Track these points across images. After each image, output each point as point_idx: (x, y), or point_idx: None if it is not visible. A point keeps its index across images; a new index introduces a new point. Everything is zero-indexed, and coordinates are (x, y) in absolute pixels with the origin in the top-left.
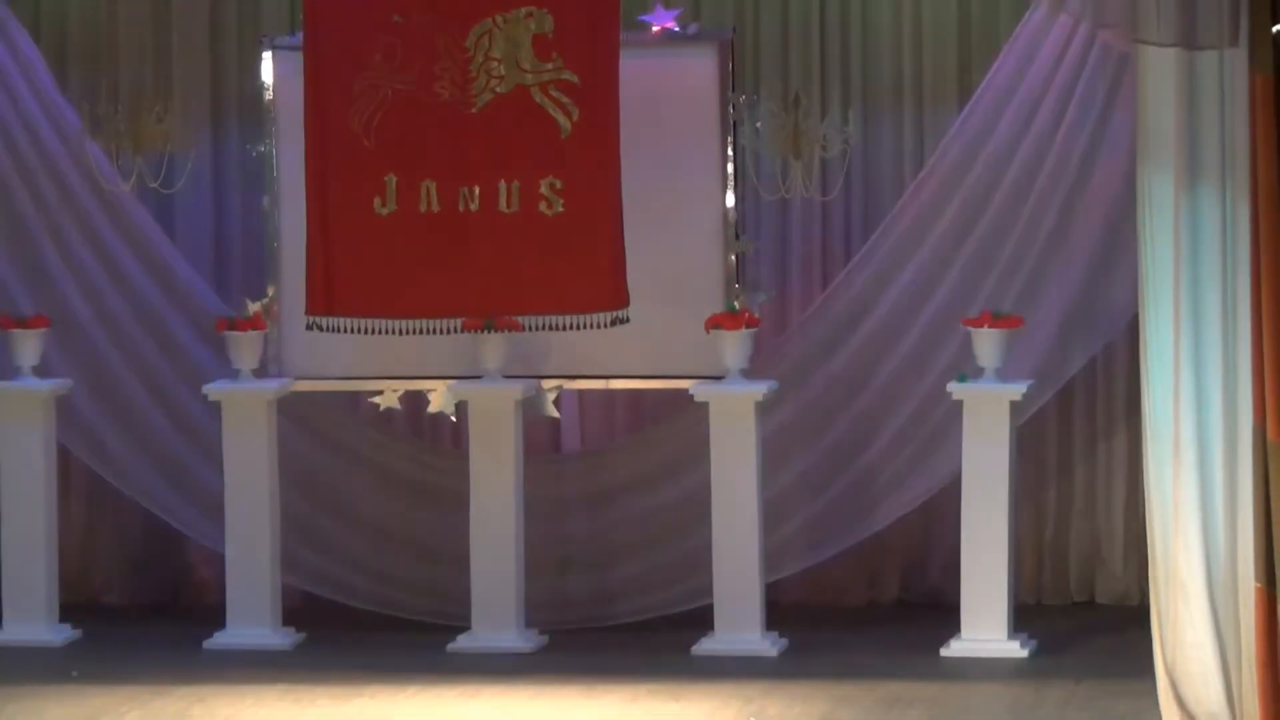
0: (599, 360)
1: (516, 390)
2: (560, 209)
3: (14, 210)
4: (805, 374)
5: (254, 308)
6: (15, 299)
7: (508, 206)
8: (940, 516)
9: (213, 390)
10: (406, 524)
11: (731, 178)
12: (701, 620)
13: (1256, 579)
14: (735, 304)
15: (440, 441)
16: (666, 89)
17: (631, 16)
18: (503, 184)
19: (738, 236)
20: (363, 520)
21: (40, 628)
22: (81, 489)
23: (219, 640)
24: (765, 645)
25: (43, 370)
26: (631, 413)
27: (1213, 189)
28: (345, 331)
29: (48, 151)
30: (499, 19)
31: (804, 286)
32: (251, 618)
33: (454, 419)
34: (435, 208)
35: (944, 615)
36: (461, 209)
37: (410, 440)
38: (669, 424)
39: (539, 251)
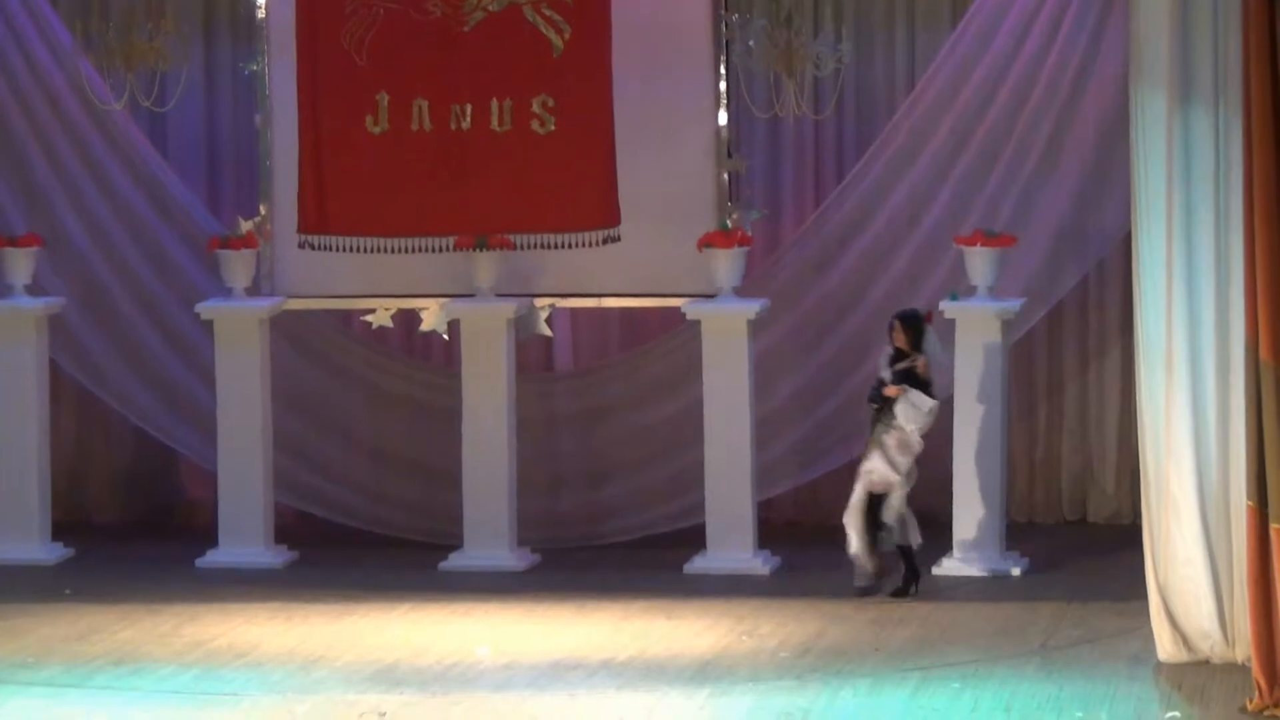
0: (591, 278)
1: (509, 308)
2: (552, 127)
3: (6, 129)
4: (797, 293)
5: (246, 226)
6: (8, 218)
7: (500, 125)
8: (932, 434)
9: (205, 309)
10: (399, 442)
11: (724, 96)
12: (693, 539)
13: (1248, 497)
14: (728, 222)
15: (432, 360)
16: (659, 7)
17: None
18: (495, 102)
19: (730, 155)
20: (355, 439)
21: (33, 546)
22: (74, 407)
23: (211, 559)
24: (757, 563)
25: (35, 289)
26: (624, 331)
27: (1206, 107)
28: (337, 250)
29: (40, 70)
30: None
31: (796, 205)
32: (244, 536)
33: (446, 337)
34: (427, 126)
35: (936, 533)
36: (454, 127)
37: (403, 358)
38: (661, 342)
39: (531, 170)
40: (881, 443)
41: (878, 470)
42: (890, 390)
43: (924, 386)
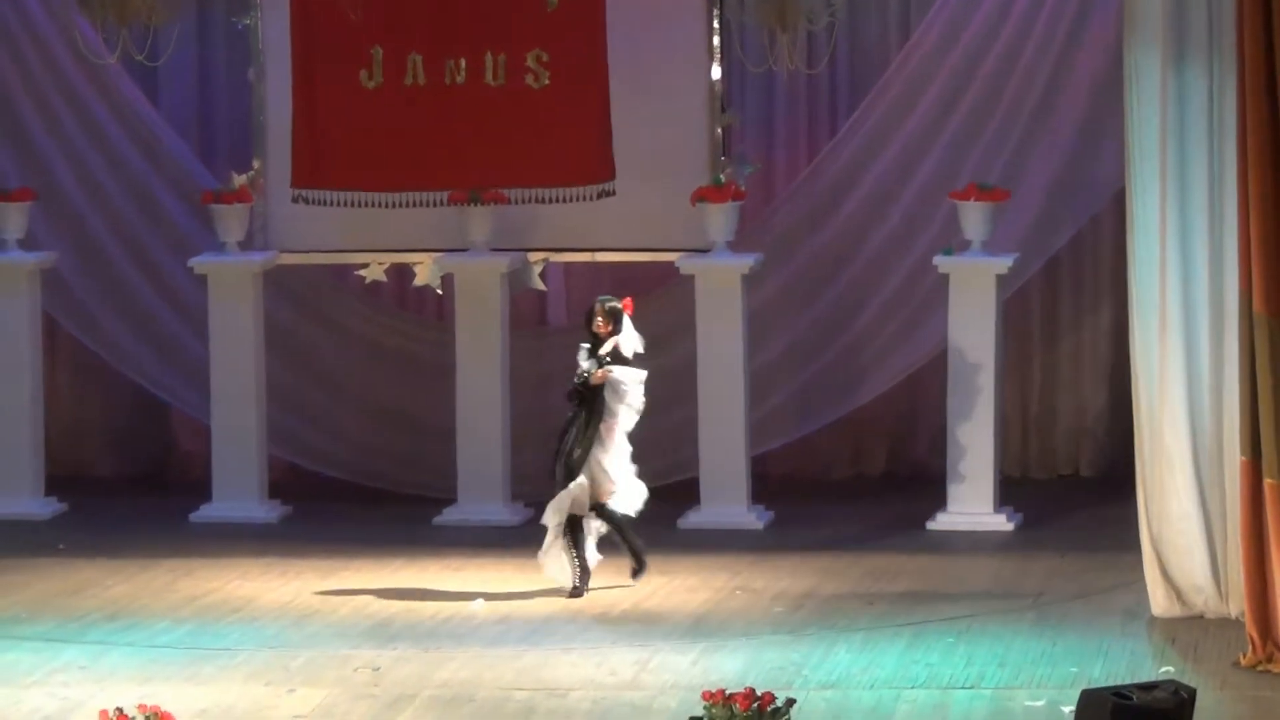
0: (585, 233)
1: (502, 263)
2: (546, 82)
3: (0, 83)
4: (791, 247)
5: (240, 180)
6: (1, 172)
7: (494, 79)
8: (926, 390)
9: (199, 263)
10: (392, 397)
11: (718, 51)
12: (687, 493)
13: (1242, 451)
14: (721, 177)
15: (426, 314)
16: None
17: None
18: (489, 56)
19: (724, 109)
20: (349, 393)
21: (26, 501)
22: (68, 361)
23: (205, 513)
24: (751, 518)
25: (28, 243)
26: (617, 285)
27: (1200, 63)
28: (331, 204)
29: (33, 23)
30: None
31: (789, 160)
32: (237, 491)
33: (440, 291)
34: (421, 80)
35: (930, 488)
36: (448, 82)
37: (396, 313)
38: (655, 297)
39: (525, 124)
40: (591, 446)
41: (586, 487)
42: (599, 376)
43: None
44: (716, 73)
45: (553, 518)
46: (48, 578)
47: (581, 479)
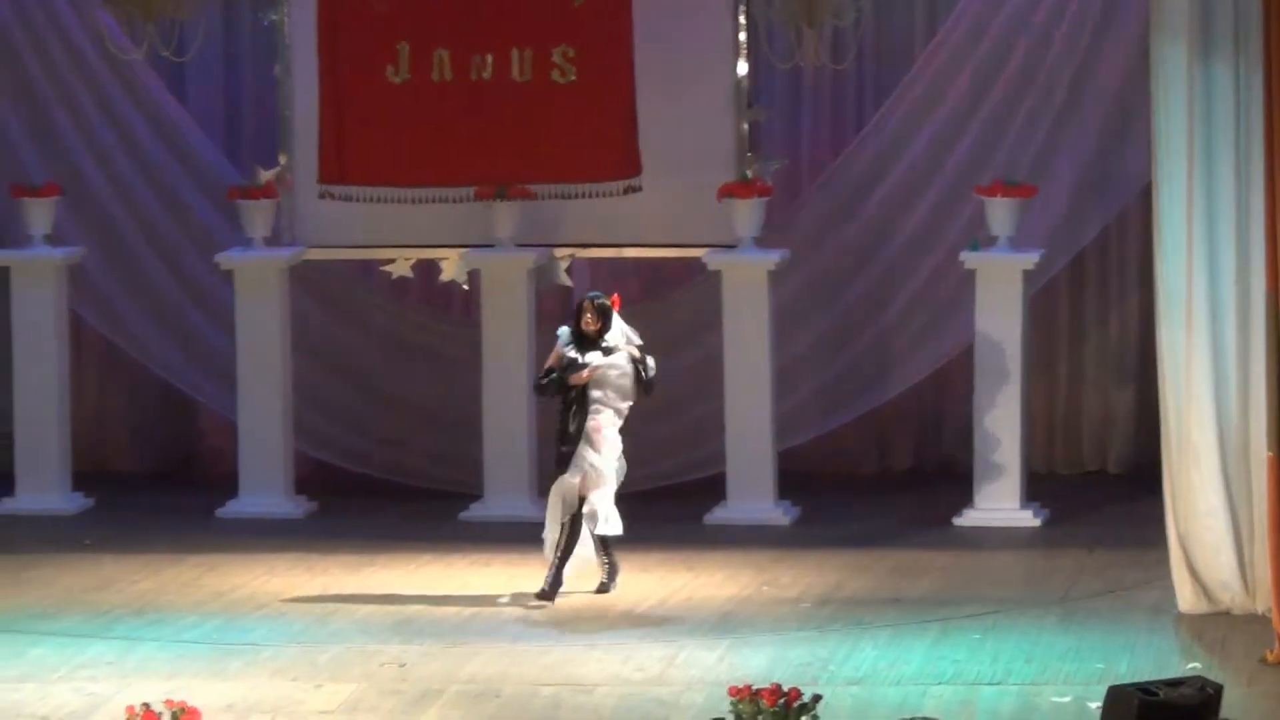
0: (611, 228)
1: (529, 258)
2: (573, 77)
3: (26, 79)
4: (817, 242)
5: (266, 176)
6: (28, 168)
7: (520, 75)
8: (953, 385)
9: (225, 258)
10: (419, 392)
11: (744, 46)
12: (713, 489)
13: (1269, 447)
14: (748, 172)
15: (452, 310)
16: None
17: None
18: (515, 52)
19: (750, 105)
20: (375, 389)
21: (53, 496)
22: (95, 357)
23: (231, 509)
24: (777, 514)
25: (55, 239)
26: (644, 281)
27: (1226, 57)
28: (357, 200)
29: (59, 19)
30: None
31: (815, 155)
32: (264, 486)
33: (466, 287)
34: (448, 76)
35: (957, 484)
36: (474, 77)
37: (422, 308)
38: (681, 292)
39: (551, 120)
40: (581, 447)
41: (579, 482)
42: (580, 378)
43: (646, 385)
44: (743, 68)
45: (553, 509)
46: (74, 573)
47: (571, 477)
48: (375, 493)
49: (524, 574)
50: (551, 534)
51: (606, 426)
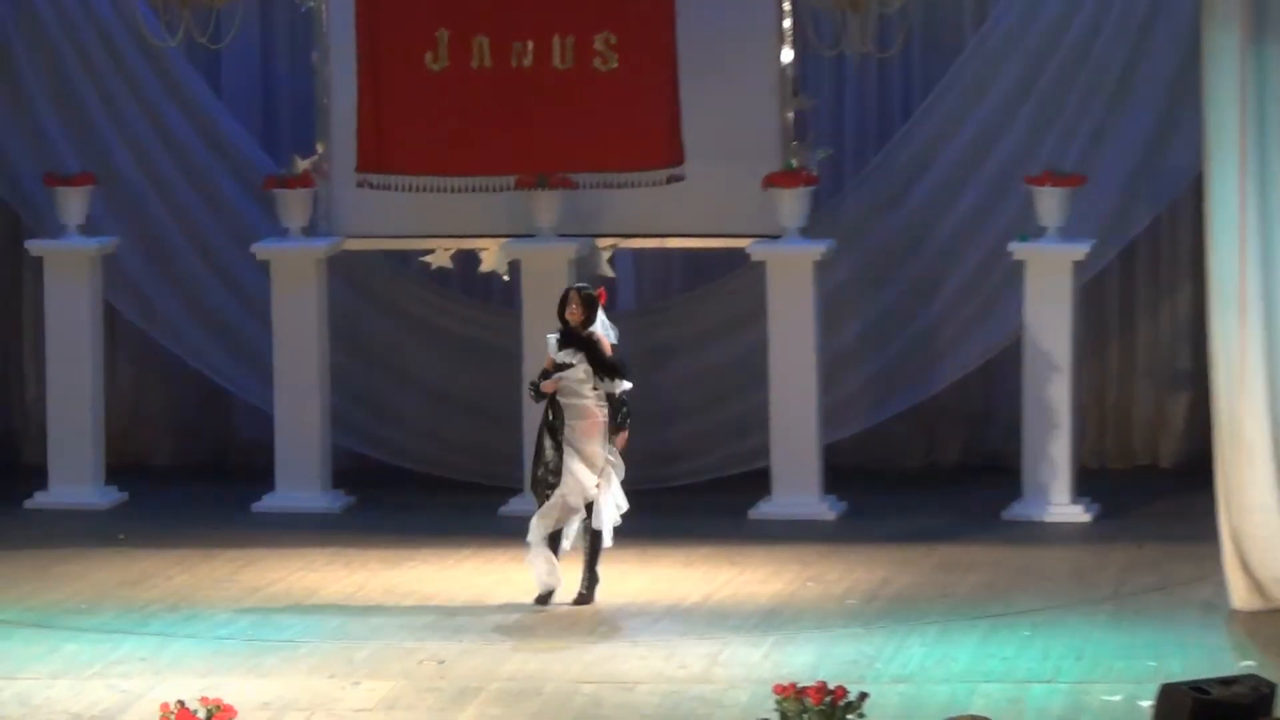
0: (654, 218)
1: (570, 249)
2: (614, 65)
3: (60, 67)
4: (863, 233)
5: (303, 165)
6: (62, 157)
7: (561, 62)
8: (1002, 378)
9: (261, 249)
10: (458, 385)
11: (789, 33)
12: (758, 483)
13: None
14: (793, 161)
15: (492, 301)
16: None
17: None
18: (556, 39)
19: (795, 93)
20: (414, 381)
21: (87, 490)
22: (129, 349)
23: (267, 503)
24: (823, 508)
25: (88, 229)
26: (687, 271)
27: (1278, 44)
28: (396, 189)
29: (93, 6)
30: None
31: (861, 144)
32: (301, 480)
33: (506, 278)
34: (488, 63)
35: (1005, 478)
36: (514, 65)
37: (462, 299)
38: (725, 283)
39: (593, 108)
40: (569, 450)
41: (573, 491)
42: (548, 386)
43: (607, 367)
44: (788, 55)
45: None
46: (108, 568)
47: (560, 493)
48: (413, 487)
49: (566, 570)
50: (540, 554)
51: (586, 419)
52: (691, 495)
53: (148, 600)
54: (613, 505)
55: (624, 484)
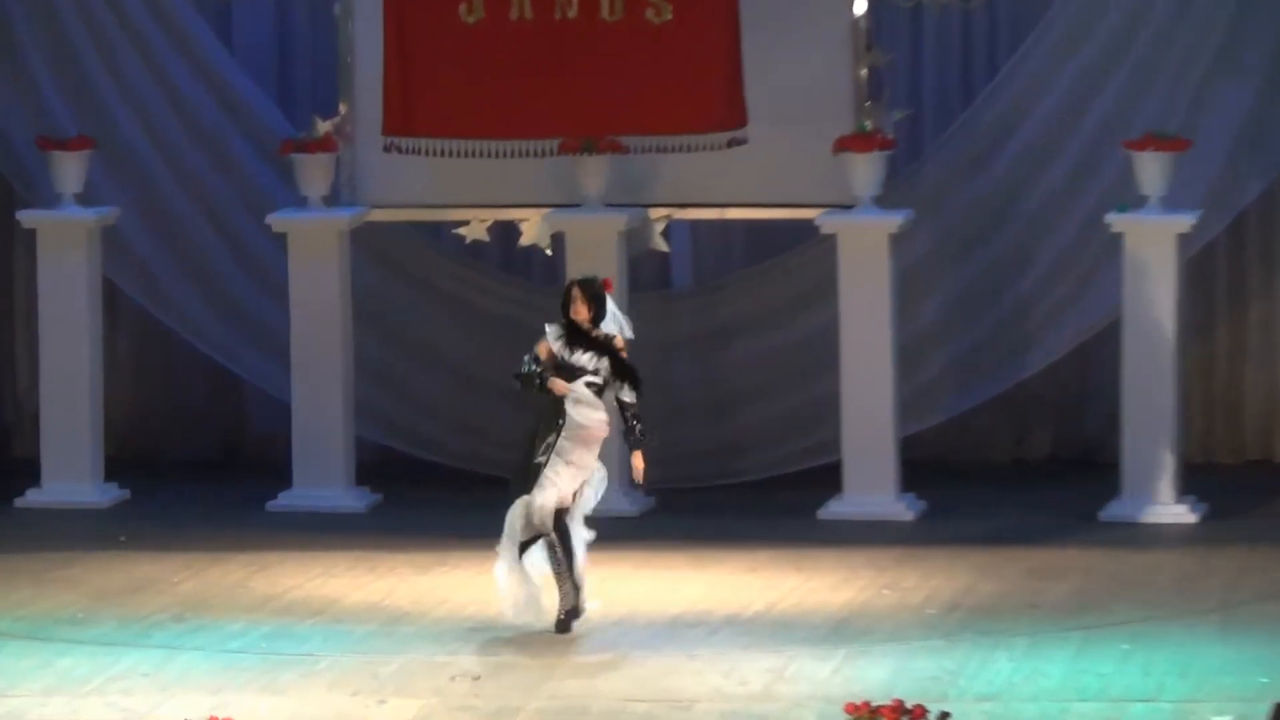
0: (713, 187)
1: (620, 220)
2: (669, 16)
3: (55, 21)
4: (944, 202)
5: (324, 127)
6: (58, 120)
7: (610, 14)
8: (1098, 362)
9: (277, 220)
10: (495, 370)
11: None
12: (828, 480)
13: None
14: (866, 123)
15: (533, 278)
16: None
17: None
18: None
19: (869, 48)
20: (446, 366)
21: (84, 487)
22: (130, 331)
23: (284, 501)
24: (900, 508)
25: (87, 198)
26: (749, 245)
27: None
28: (427, 154)
29: None
30: None
31: (942, 103)
32: (321, 476)
33: (549, 253)
34: (528, 15)
35: (1101, 474)
36: (558, 17)
37: (500, 276)
38: (792, 258)
39: (646, 64)
40: (557, 458)
41: (551, 498)
42: (560, 387)
43: (629, 374)
44: (861, 6)
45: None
46: (107, 573)
47: (539, 498)
48: (447, 483)
49: (616, 575)
50: (508, 562)
51: (592, 427)
52: (754, 493)
53: (151, 609)
54: (581, 520)
55: (678, 478)
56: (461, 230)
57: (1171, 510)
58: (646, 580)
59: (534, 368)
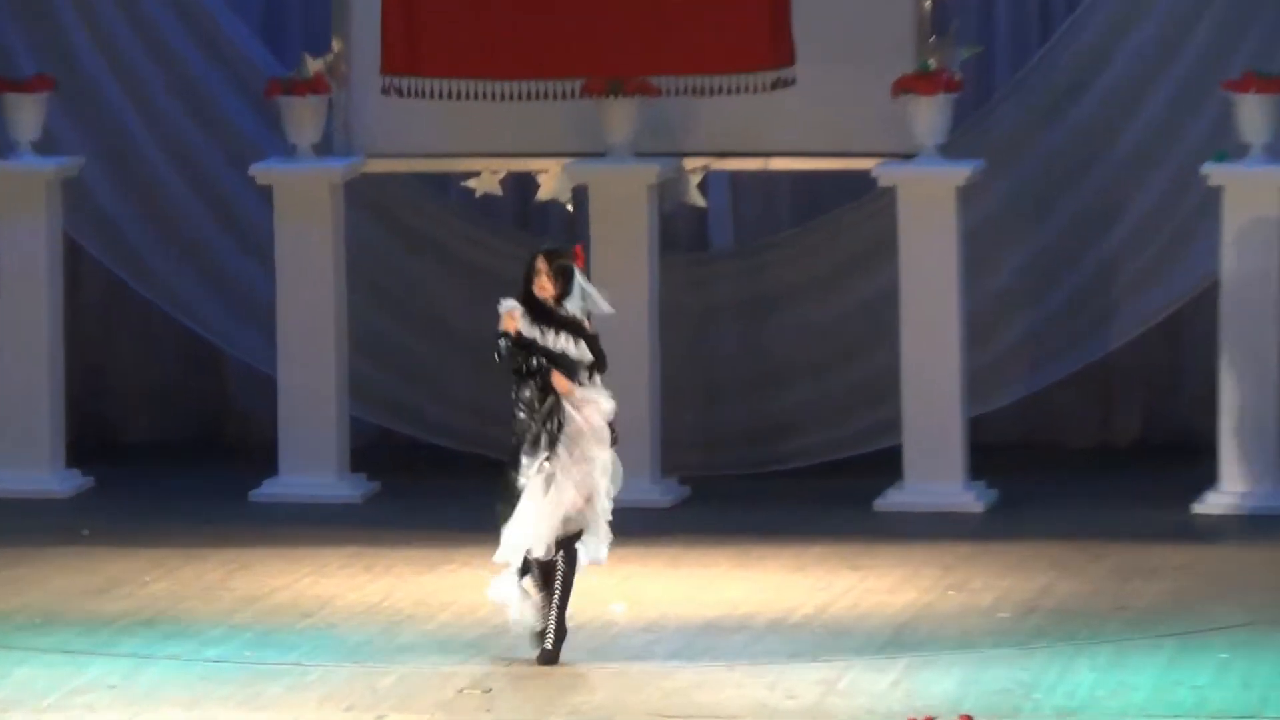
0: (756, 134)
1: (650, 171)
2: None
3: None
4: (1019, 151)
5: (315, 66)
6: (13, 56)
7: None
8: (1192, 334)
9: (262, 171)
10: None
11: None
12: (887, 465)
13: None
14: (930, 62)
15: (551, 237)
16: None
17: None
18: None
19: None
20: (453, 337)
21: (42, 474)
22: (95, 296)
23: (269, 490)
24: (968, 498)
25: (46, 146)
26: (798, 201)
27: None
28: (432, 96)
29: None
30: None
31: (1017, 39)
32: (310, 461)
33: (570, 208)
34: None
35: (1196, 460)
36: None
37: (514, 236)
38: (845, 214)
39: None
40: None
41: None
42: (565, 387)
43: (600, 364)
44: None
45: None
46: (68, 571)
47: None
48: (452, 470)
49: (646, 574)
50: (511, 574)
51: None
52: (803, 481)
53: (119, 613)
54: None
55: (717, 464)
56: (471, 183)
57: (1276, 501)
58: (680, 580)
59: (539, 361)
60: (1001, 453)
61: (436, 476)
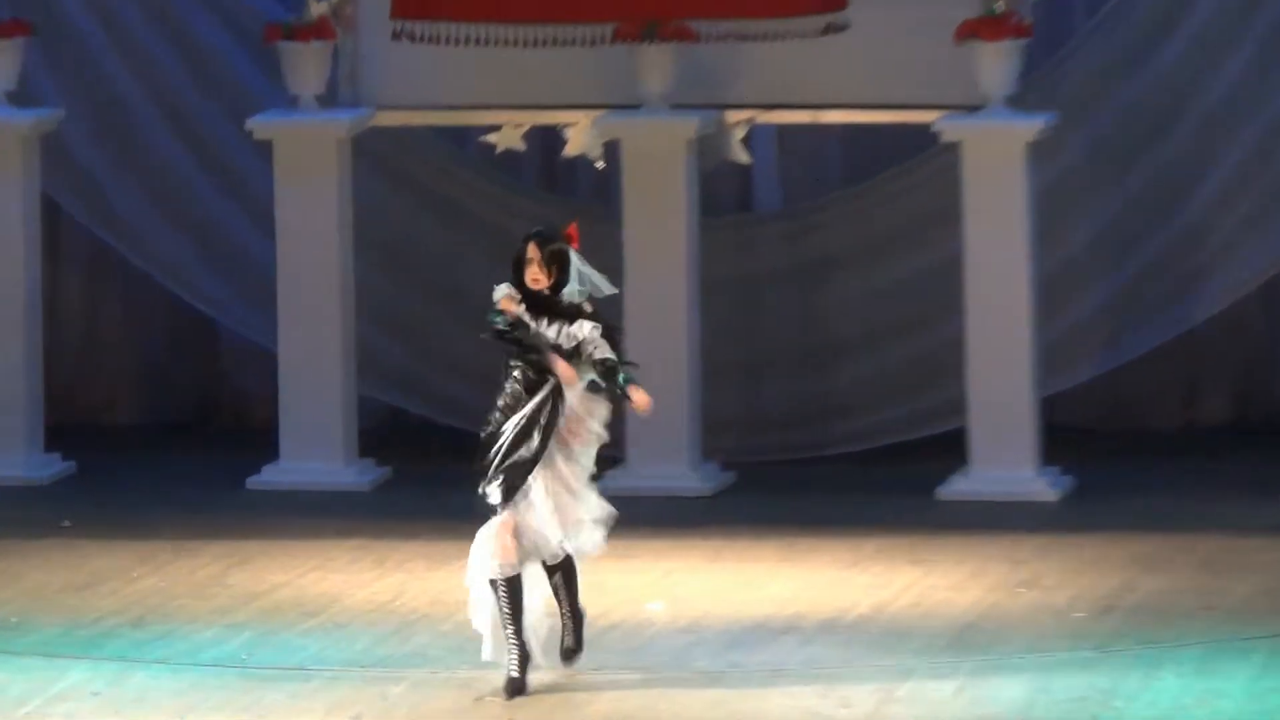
0: (806, 83)
1: (689, 125)
2: None
3: None
4: (1095, 103)
5: (319, 9)
6: None
7: None
8: None
9: (261, 124)
10: None
11: None
12: (951, 450)
13: None
14: (997, 5)
15: (580, 197)
16: None
17: None
18: None
19: None
20: (471, 308)
21: (18, 459)
22: (78, 264)
23: (269, 477)
24: (1041, 486)
25: (22, 97)
26: (851, 157)
27: None
28: (447, 41)
29: None
30: None
31: None
32: (314, 445)
33: (601, 165)
34: None
35: None
36: None
37: (539, 195)
38: (904, 173)
39: None
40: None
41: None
42: (566, 375)
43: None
44: None
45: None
46: (47, 567)
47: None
48: (469, 455)
49: (685, 569)
50: (484, 589)
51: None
52: (858, 467)
53: (103, 611)
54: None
55: (763, 448)
56: (491, 138)
57: None
58: (723, 575)
59: (543, 339)
60: (1077, 436)
61: (453, 461)
